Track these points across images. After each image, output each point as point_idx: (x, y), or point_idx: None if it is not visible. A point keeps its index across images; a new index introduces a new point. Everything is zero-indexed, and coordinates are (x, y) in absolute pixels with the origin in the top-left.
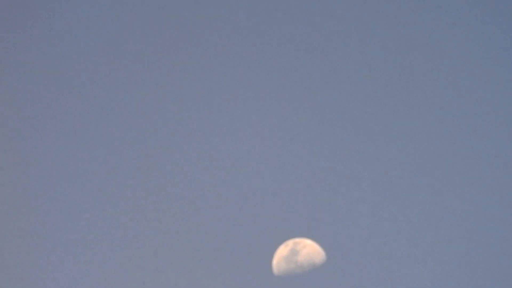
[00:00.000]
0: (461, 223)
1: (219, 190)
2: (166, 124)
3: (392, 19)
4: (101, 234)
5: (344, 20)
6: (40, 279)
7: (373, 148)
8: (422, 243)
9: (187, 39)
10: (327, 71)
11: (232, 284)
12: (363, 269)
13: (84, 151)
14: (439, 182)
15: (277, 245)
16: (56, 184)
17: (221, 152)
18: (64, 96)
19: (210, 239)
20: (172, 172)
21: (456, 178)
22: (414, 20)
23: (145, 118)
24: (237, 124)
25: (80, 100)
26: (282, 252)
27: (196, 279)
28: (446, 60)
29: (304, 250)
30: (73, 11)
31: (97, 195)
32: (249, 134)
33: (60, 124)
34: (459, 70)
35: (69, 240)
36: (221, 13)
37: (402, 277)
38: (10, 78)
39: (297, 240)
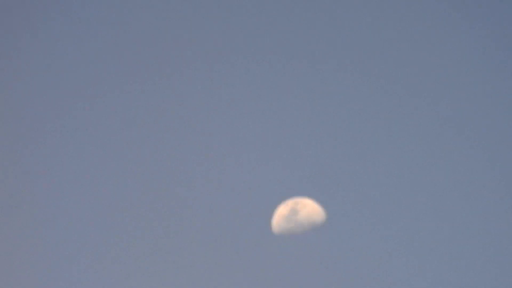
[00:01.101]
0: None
1: (220, 148)
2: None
3: (390, 20)
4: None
5: (343, 22)
6: (40, 279)
7: (373, 107)
8: (421, 202)
9: (187, 41)
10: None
11: (232, 244)
12: (363, 229)
13: (84, 152)
14: (436, 143)
15: (277, 204)
16: (57, 184)
17: (222, 109)
18: (64, 96)
19: (210, 198)
20: (169, 125)
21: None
22: (413, 21)
23: (139, 115)
24: (238, 86)
25: (80, 101)
26: (282, 211)
27: (196, 240)
28: (444, 62)
29: (304, 209)
30: (74, 11)
31: (95, 194)
32: (251, 92)
33: (60, 124)
34: (458, 71)
35: (69, 240)
36: (219, 15)
37: (401, 235)
38: (11, 78)
39: (297, 199)
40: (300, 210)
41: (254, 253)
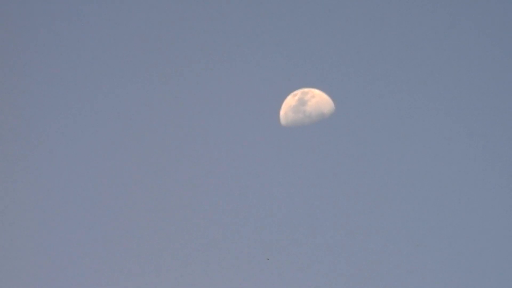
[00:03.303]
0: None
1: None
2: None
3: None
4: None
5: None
6: (41, 279)
7: None
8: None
9: (188, 42)
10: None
11: (239, 135)
12: (371, 119)
13: (84, 152)
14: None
15: (284, 95)
16: (57, 184)
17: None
18: (65, 96)
19: (218, 85)
20: None
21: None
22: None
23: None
24: None
25: (81, 101)
26: (290, 102)
27: (201, 129)
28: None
29: (313, 99)
30: (74, 12)
31: (95, 193)
32: None
33: (61, 124)
34: (458, 72)
35: (69, 240)
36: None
37: (408, 125)
38: (11, 78)
39: (305, 89)
40: (309, 101)
41: (261, 145)
